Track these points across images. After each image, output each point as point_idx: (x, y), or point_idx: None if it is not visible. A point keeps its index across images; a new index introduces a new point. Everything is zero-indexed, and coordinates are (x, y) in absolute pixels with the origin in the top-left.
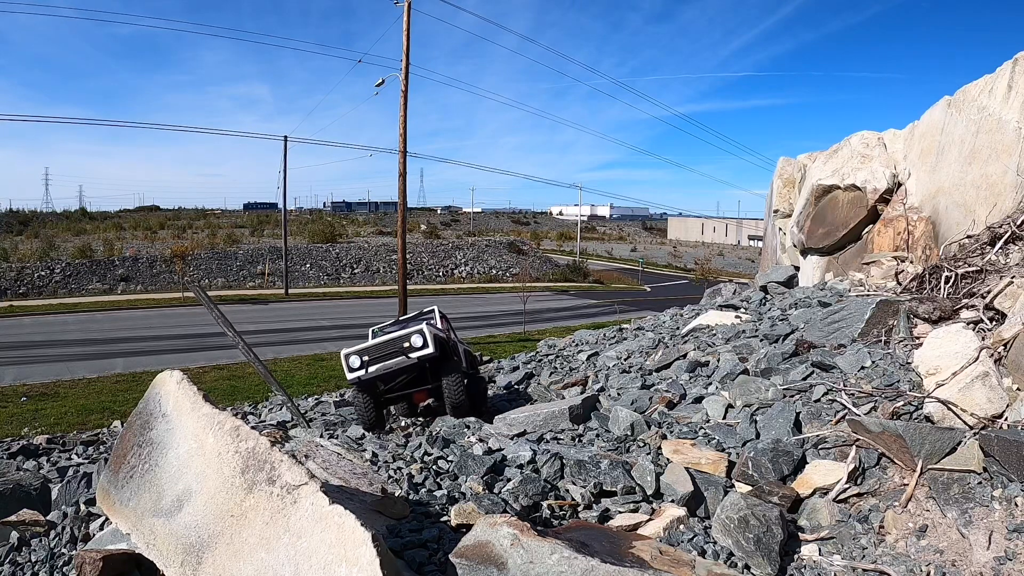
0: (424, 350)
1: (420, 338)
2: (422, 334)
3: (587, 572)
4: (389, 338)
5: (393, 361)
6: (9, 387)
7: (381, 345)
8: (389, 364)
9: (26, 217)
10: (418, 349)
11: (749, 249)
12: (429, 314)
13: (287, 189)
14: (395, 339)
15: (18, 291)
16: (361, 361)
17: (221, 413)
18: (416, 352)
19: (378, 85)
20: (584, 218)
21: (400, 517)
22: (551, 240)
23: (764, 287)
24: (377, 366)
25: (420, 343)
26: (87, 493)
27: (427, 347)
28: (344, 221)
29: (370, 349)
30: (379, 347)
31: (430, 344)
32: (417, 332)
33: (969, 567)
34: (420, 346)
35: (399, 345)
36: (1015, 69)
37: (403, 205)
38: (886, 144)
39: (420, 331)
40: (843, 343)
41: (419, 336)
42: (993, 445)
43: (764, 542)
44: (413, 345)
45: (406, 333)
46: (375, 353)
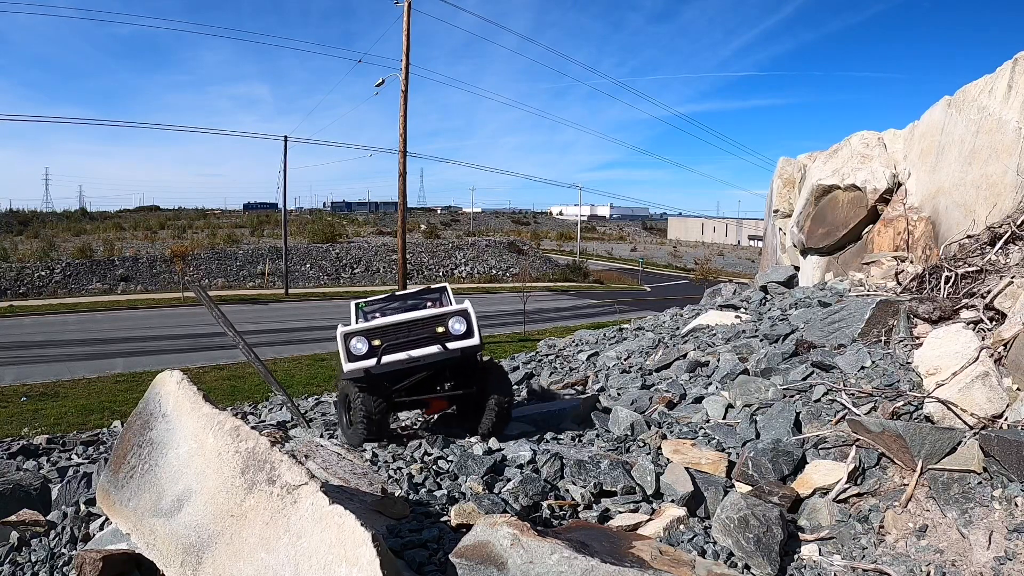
0: (468, 340)
1: (463, 323)
2: (466, 317)
3: (587, 572)
4: (415, 317)
5: (421, 352)
6: (9, 387)
7: (403, 326)
8: (415, 355)
9: (26, 217)
10: (459, 338)
11: (749, 249)
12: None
13: (287, 189)
14: (424, 320)
15: (18, 291)
16: (370, 346)
17: (221, 413)
18: (456, 342)
19: (378, 85)
20: (584, 218)
21: (400, 517)
22: (551, 240)
23: (764, 287)
24: (397, 356)
25: (462, 329)
26: (87, 493)
27: (472, 336)
28: (344, 221)
29: (386, 330)
30: (399, 329)
31: (475, 333)
32: (459, 314)
33: (969, 567)
34: (462, 334)
35: (431, 329)
36: (1015, 69)
37: (403, 205)
38: (886, 144)
39: (464, 312)
40: (843, 343)
41: (462, 320)
42: (993, 445)
43: (764, 542)
44: (452, 332)
45: (441, 314)
46: (393, 336)
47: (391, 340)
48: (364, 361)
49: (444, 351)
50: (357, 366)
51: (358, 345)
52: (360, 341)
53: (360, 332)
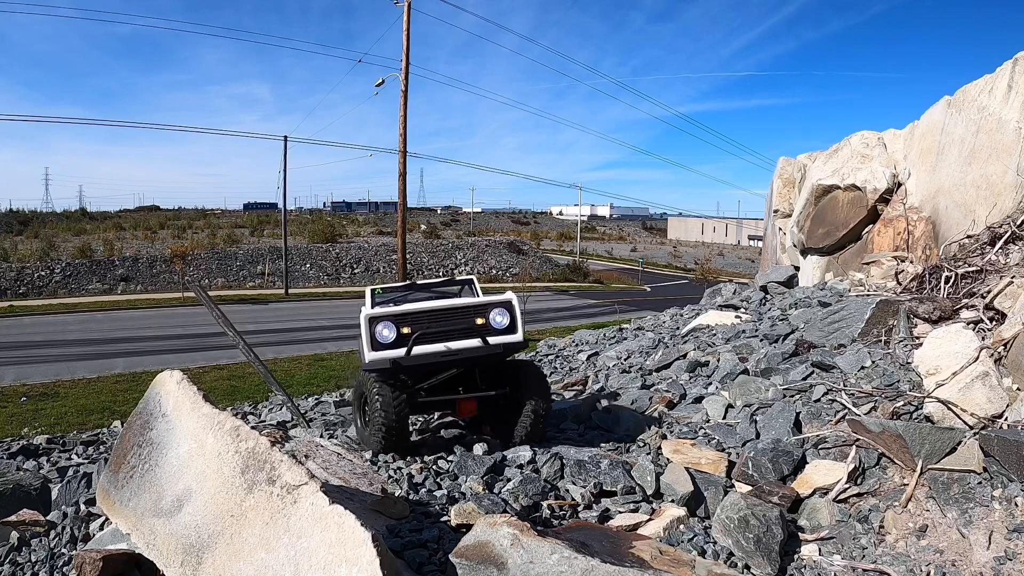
0: (511, 335)
1: (506, 315)
2: (510, 310)
3: (587, 572)
4: (452, 305)
5: (459, 344)
6: (9, 387)
7: (438, 314)
8: (452, 348)
9: (26, 217)
10: (500, 332)
11: (749, 249)
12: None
13: (287, 189)
14: (462, 309)
15: (18, 291)
16: (398, 333)
17: (221, 413)
18: (498, 337)
19: (378, 85)
20: (584, 218)
21: (400, 517)
22: (551, 240)
23: (764, 287)
24: (431, 347)
25: (505, 323)
26: (87, 493)
27: (515, 331)
28: (344, 221)
29: (418, 317)
30: (434, 316)
31: (519, 328)
32: (503, 306)
33: (969, 567)
34: (504, 327)
35: (470, 320)
36: (1015, 69)
37: (403, 205)
38: (886, 144)
39: (508, 304)
40: (843, 343)
41: (504, 312)
42: (993, 445)
43: (764, 542)
44: (493, 324)
45: (482, 304)
46: (426, 324)
47: (424, 329)
48: (391, 350)
49: (485, 346)
50: (383, 355)
51: (384, 332)
52: (387, 327)
53: (388, 317)
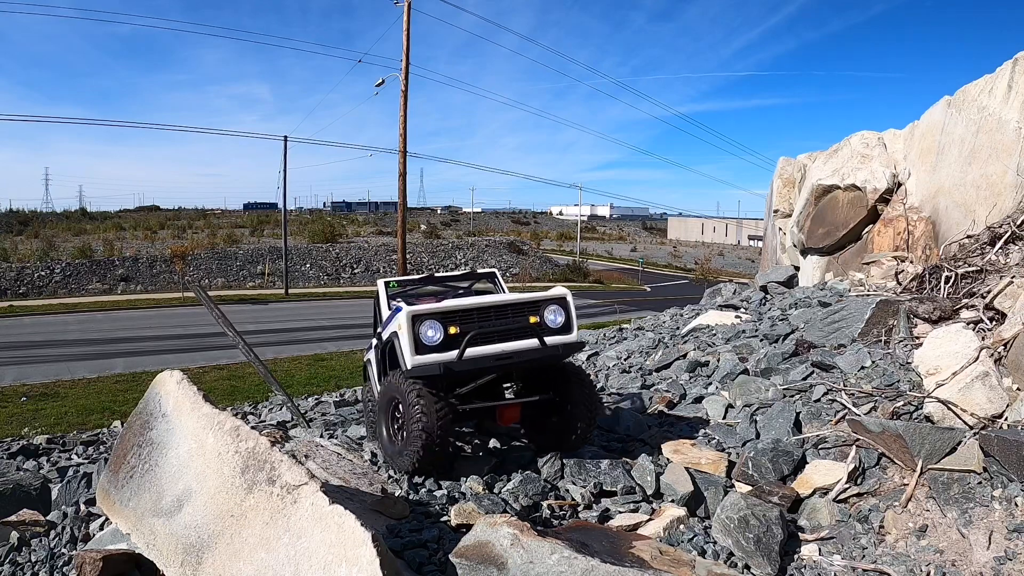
0: (566, 335)
1: (561, 313)
2: (565, 307)
3: (587, 572)
4: (503, 301)
5: (515, 346)
6: (9, 387)
7: (489, 312)
8: (508, 349)
9: (26, 217)
10: (556, 331)
11: (749, 249)
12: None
13: (287, 189)
14: (515, 306)
15: (18, 291)
16: (444, 334)
17: (221, 413)
18: (554, 336)
19: (378, 85)
20: (584, 218)
21: (400, 517)
22: (551, 240)
23: (764, 287)
24: (485, 349)
25: (560, 321)
26: (87, 493)
27: (570, 331)
28: (344, 221)
29: (468, 315)
30: (484, 314)
31: (574, 327)
32: (558, 303)
33: (969, 567)
34: (560, 326)
35: (523, 318)
36: (1015, 69)
37: (403, 205)
38: (886, 144)
39: (563, 301)
40: (843, 343)
41: (560, 310)
42: (993, 445)
43: (764, 542)
44: (548, 323)
45: (536, 300)
46: (477, 323)
47: (476, 328)
48: (439, 354)
49: (542, 347)
50: (430, 360)
51: (430, 332)
52: (434, 327)
53: (435, 315)
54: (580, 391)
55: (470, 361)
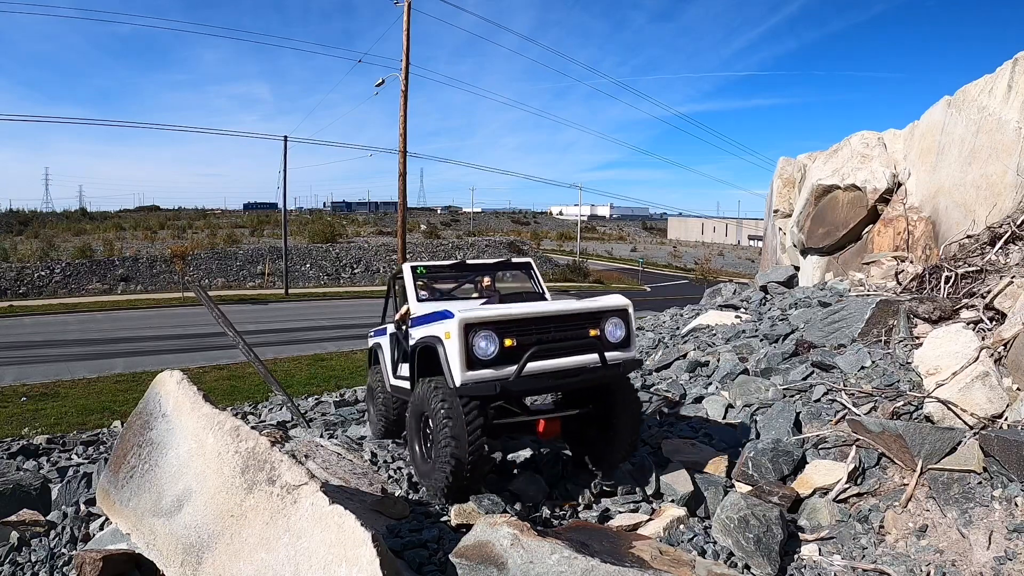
0: (626, 351)
1: (622, 327)
2: (626, 320)
3: (587, 572)
4: (562, 311)
5: (574, 362)
6: (9, 387)
7: (546, 321)
8: (567, 366)
9: (26, 217)
10: (616, 346)
11: (749, 249)
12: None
13: (287, 189)
14: (574, 316)
15: (18, 291)
16: (498, 346)
17: (221, 413)
18: (614, 352)
19: (378, 85)
20: (584, 218)
21: (400, 517)
22: (551, 240)
23: (764, 287)
24: (542, 365)
25: (620, 335)
26: (87, 493)
27: (629, 347)
28: (344, 221)
29: (525, 325)
30: (542, 324)
31: (633, 343)
32: (619, 315)
33: (969, 567)
34: (620, 341)
35: (582, 330)
36: (1015, 69)
37: (403, 205)
38: (886, 144)
39: (624, 313)
40: (843, 343)
41: (620, 324)
42: (993, 445)
43: (764, 542)
44: (608, 337)
45: (597, 310)
46: (535, 335)
47: (534, 341)
48: (494, 369)
49: (603, 365)
50: (484, 376)
51: (483, 343)
52: (489, 339)
53: (491, 324)
54: (626, 405)
55: (528, 380)
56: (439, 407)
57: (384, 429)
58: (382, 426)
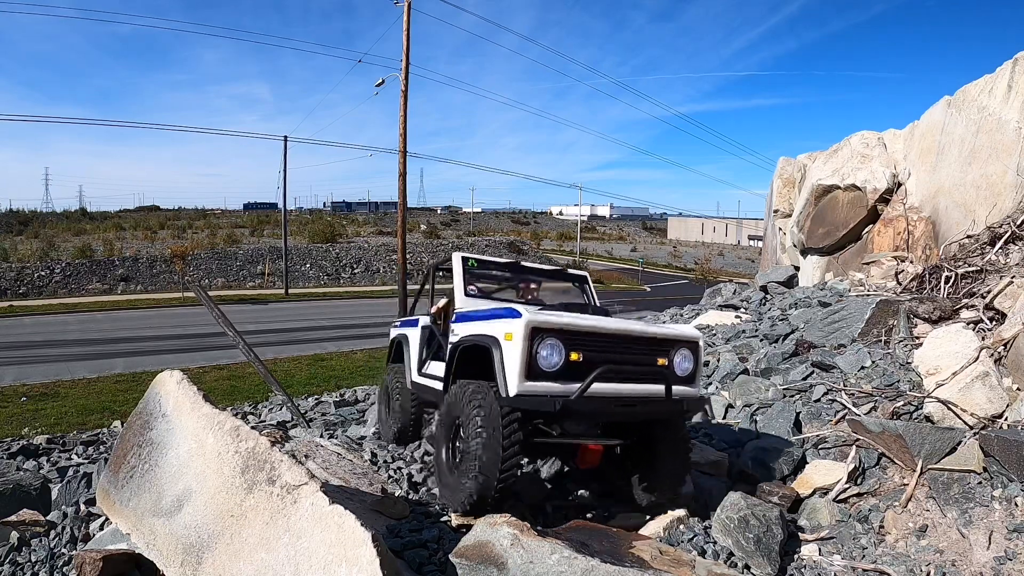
0: (692, 387)
1: (690, 360)
2: (695, 354)
3: (587, 572)
4: (634, 332)
5: (636, 389)
6: (9, 387)
7: (619, 341)
8: (632, 393)
9: (26, 217)
10: (682, 380)
11: (749, 249)
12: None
13: (287, 189)
14: (646, 341)
15: (18, 291)
16: (564, 357)
17: (221, 413)
18: (680, 387)
19: (378, 85)
20: (584, 218)
21: (400, 517)
22: (551, 240)
23: (764, 287)
24: (609, 388)
25: (689, 369)
26: (87, 493)
27: (694, 382)
28: (344, 221)
29: (599, 339)
30: (613, 343)
31: (699, 380)
32: (689, 346)
33: (969, 567)
34: (687, 375)
35: (651, 357)
36: (1015, 69)
37: (403, 205)
38: (886, 144)
39: (695, 346)
40: (843, 343)
41: (690, 357)
42: (993, 445)
43: (764, 542)
44: (676, 369)
45: (670, 338)
46: (604, 352)
47: (603, 358)
48: (556, 383)
49: (667, 398)
50: (544, 389)
51: (549, 352)
52: (555, 348)
53: (559, 331)
54: (676, 444)
55: (590, 401)
56: (475, 415)
57: (399, 432)
58: (397, 428)
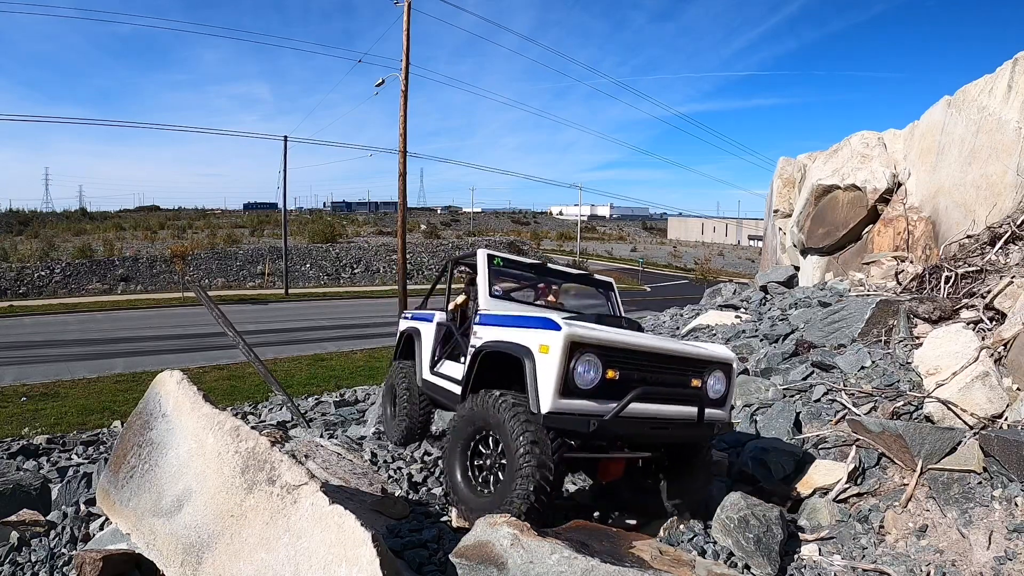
0: (721, 410)
1: (723, 382)
2: (728, 376)
3: (587, 572)
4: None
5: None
6: (9, 387)
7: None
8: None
9: (26, 217)
10: (714, 402)
11: (749, 249)
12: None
13: (287, 189)
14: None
15: (18, 291)
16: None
17: (221, 413)
18: (711, 408)
19: (378, 85)
20: (584, 218)
21: (400, 517)
22: (551, 240)
23: (764, 287)
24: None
25: (721, 391)
26: (87, 493)
27: (725, 406)
28: (344, 221)
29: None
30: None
31: (729, 403)
32: (723, 368)
33: (969, 567)
34: (719, 396)
35: (685, 377)
36: (1015, 69)
37: (403, 205)
38: (886, 144)
39: (728, 368)
40: (843, 343)
41: (722, 378)
42: (993, 445)
43: (764, 542)
44: (709, 391)
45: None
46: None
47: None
48: (593, 402)
49: (699, 422)
50: (580, 408)
51: (583, 369)
52: (593, 364)
53: (598, 347)
54: (701, 465)
55: (624, 422)
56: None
57: (406, 433)
58: (404, 429)
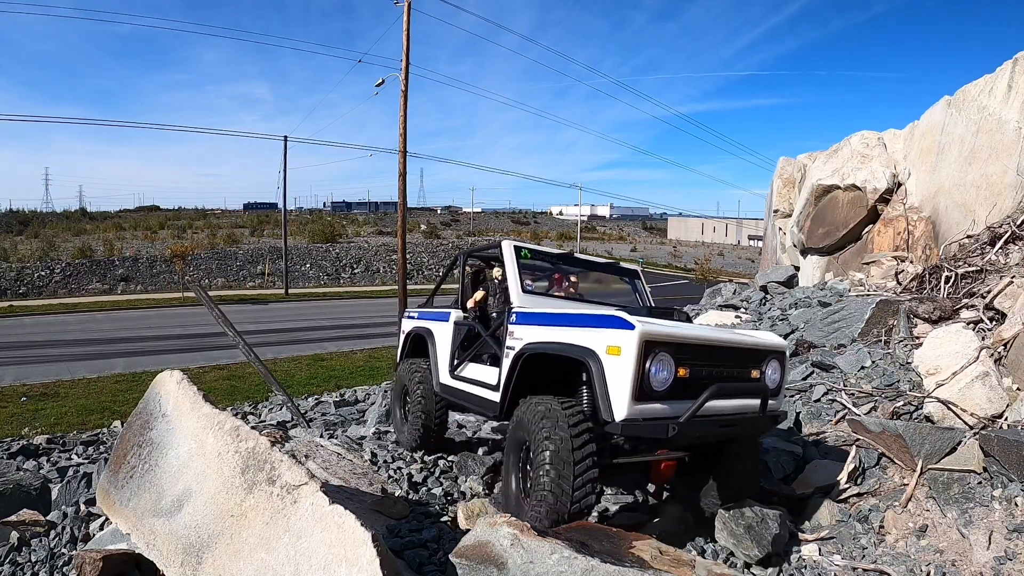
0: (775, 399)
1: (778, 370)
2: (783, 364)
3: (587, 572)
4: (735, 343)
5: (736, 405)
6: (9, 387)
7: (724, 354)
8: (733, 408)
9: (26, 217)
10: (774, 394)
11: (749, 249)
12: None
13: (287, 189)
14: (743, 351)
15: (18, 291)
16: (673, 376)
17: (221, 413)
18: (774, 400)
19: (378, 85)
20: (584, 218)
21: (400, 517)
22: (551, 240)
23: (764, 287)
24: (714, 406)
25: (776, 379)
26: (87, 493)
27: (779, 396)
28: (344, 221)
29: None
30: (719, 356)
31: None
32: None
33: (969, 567)
34: (776, 386)
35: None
36: (1015, 69)
37: (403, 205)
38: (886, 144)
39: (782, 356)
40: (843, 343)
41: (777, 366)
42: (993, 445)
43: (756, 530)
44: (768, 381)
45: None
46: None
47: (709, 373)
48: (666, 404)
49: (762, 414)
50: (656, 412)
51: (660, 369)
52: (666, 365)
53: (671, 344)
54: (746, 451)
55: (698, 423)
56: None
57: (420, 438)
58: (418, 434)
